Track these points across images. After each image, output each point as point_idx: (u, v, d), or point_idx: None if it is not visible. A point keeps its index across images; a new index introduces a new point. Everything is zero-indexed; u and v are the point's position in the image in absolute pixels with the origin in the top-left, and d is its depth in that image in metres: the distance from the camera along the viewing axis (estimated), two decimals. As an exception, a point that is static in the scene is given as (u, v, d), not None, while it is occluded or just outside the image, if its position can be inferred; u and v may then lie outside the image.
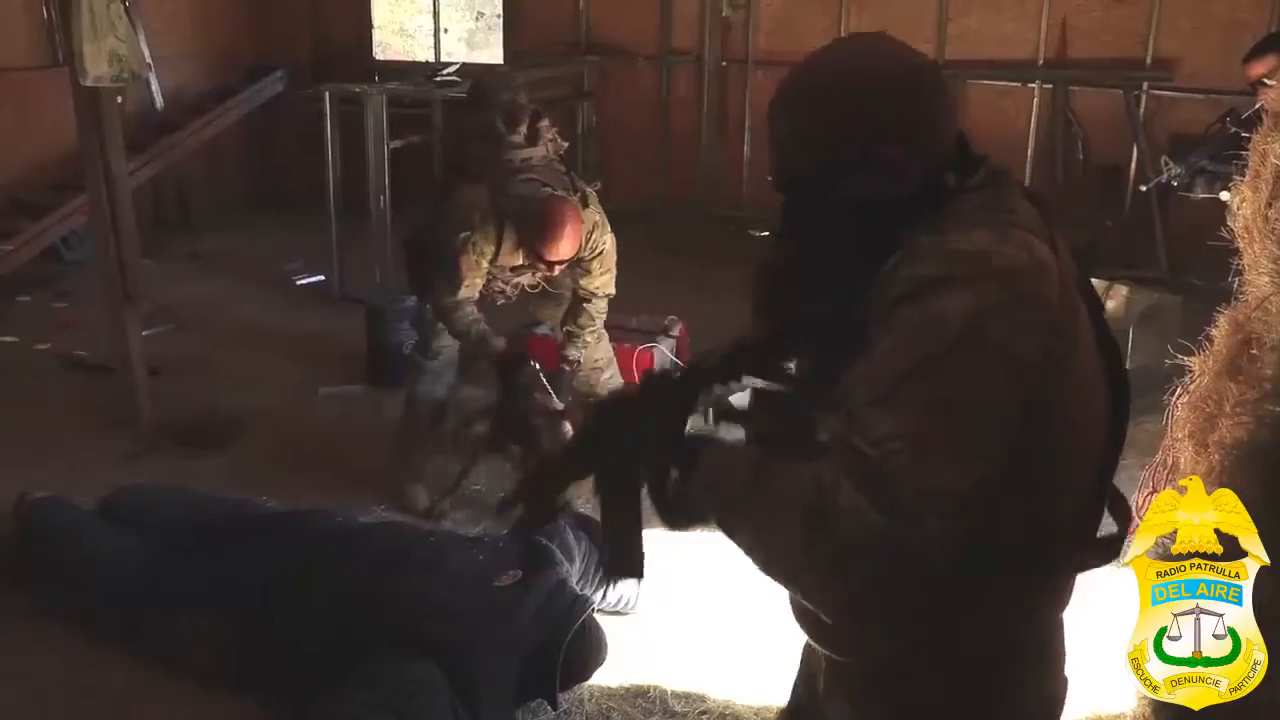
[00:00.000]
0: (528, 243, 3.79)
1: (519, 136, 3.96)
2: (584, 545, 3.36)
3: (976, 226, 1.32)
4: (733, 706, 3.08)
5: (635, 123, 8.30)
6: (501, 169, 3.89)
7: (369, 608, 2.96)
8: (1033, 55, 7.18)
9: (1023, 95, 7.23)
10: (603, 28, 8.30)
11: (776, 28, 7.81)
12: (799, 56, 1.46)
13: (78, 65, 4.28)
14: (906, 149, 1.38)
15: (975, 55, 7.32)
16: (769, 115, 1.44)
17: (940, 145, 1.44)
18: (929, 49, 7.36)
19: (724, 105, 8.10)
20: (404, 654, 2.81)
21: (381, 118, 6.50)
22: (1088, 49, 7.04)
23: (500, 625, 2.95)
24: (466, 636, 2.87)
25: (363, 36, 9.02)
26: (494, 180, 3.87)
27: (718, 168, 8.13)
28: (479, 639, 2.89)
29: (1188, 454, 2.41)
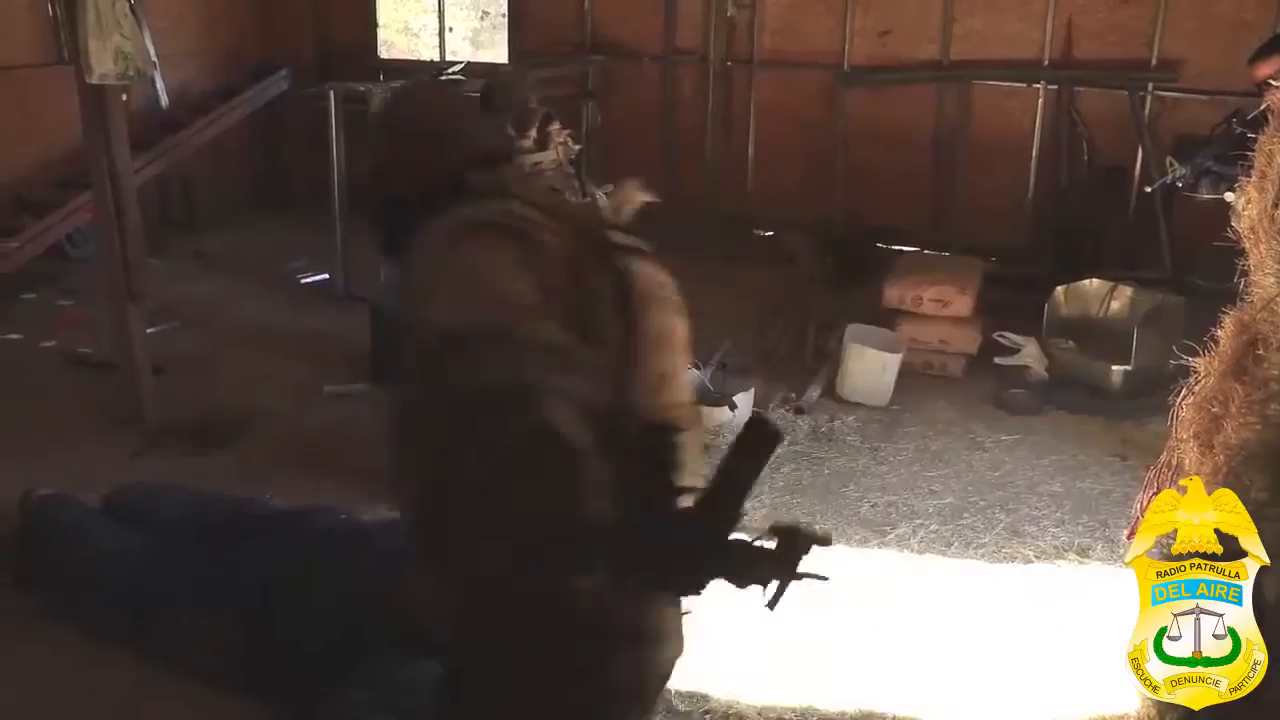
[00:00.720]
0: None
1: (528, 141, 4.04)
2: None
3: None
4: (737, 706, 3.08)
5: (640, 122, 8.29)
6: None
7: (372, 607, 2.96)
8: (1038, 56, 7.15)
9: (1028, 96, 7.21)
10: (607, 27, 8.28)
11: (782, 28, 7.78)
12: (804, 56, 1.46)
13: (83, 62, 4.28)
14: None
15: (980, 55, 7.30)
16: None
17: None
18: (934, 49, 7.38)
19: (729, 105, 8.09)
20: (406, 653, 2.81)
21: (386, 116, 6.49)
22: (1093, 49, 7.02)
23: None
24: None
25: (367, 35, 9.01)
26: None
27: (724, 167, 8.13)
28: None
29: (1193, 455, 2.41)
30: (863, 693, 3.14)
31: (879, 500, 4.32)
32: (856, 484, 4.46)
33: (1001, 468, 4.62)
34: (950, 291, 5.56)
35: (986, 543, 4.01)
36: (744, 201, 8.10)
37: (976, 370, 5.58)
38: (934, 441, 4.85)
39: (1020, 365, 5.43)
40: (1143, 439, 4.82)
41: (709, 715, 3.05)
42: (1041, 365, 5.39)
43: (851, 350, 5.21)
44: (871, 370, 5.19)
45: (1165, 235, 6.44)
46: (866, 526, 4.12)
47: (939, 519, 4.17)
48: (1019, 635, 3.41)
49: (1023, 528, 4.12)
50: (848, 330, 5.34)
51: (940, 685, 3.19)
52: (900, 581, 3.77)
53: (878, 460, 4.67)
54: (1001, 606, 3.60)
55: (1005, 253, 6.98)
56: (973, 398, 5.33)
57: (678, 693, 3.11)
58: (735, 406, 4.89)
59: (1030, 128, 7.21)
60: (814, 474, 4.53)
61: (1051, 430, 4.98)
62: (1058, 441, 4.86)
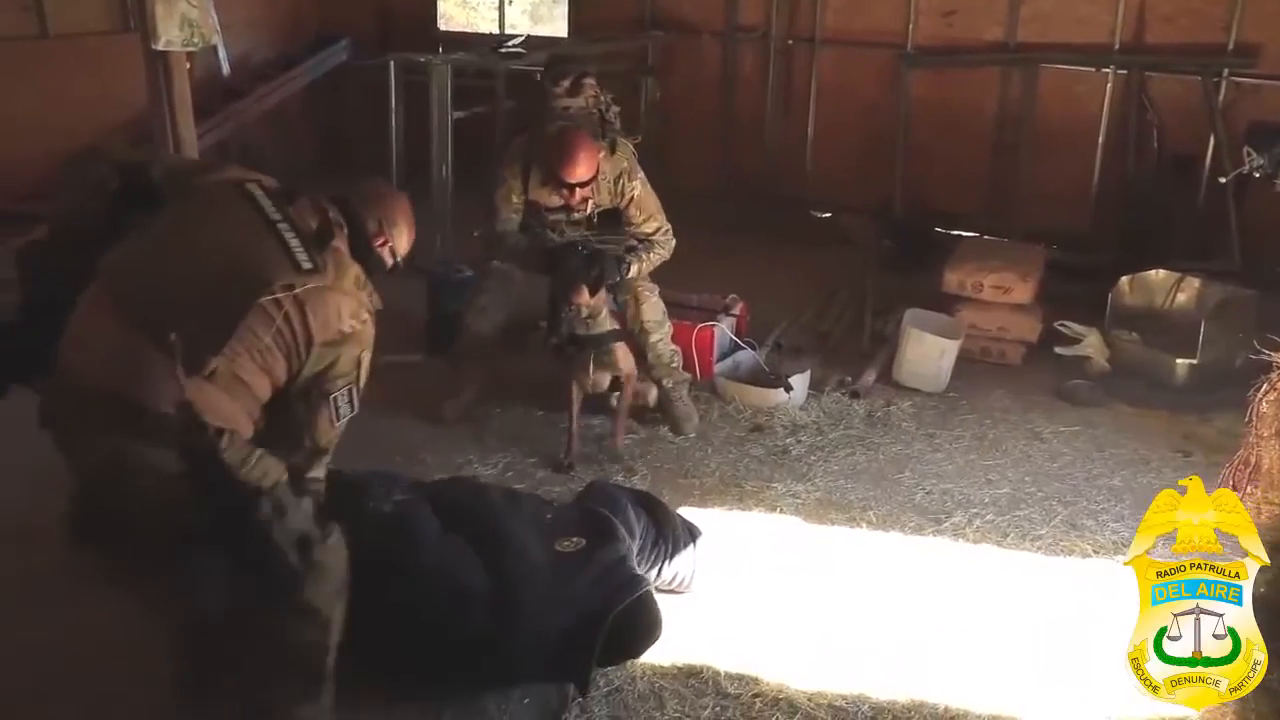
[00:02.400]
0: (551, 172, 4.21)
1: (560, 90, 4.37)
2: (643, 522, 3.35)
3: None
4: (786, 691, 3.05)
5: (699, 100, 8.22)
6: (542, 117, 4.36)
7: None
8: (1108, 39, 6.98)
9: (1096, 81, 7.04)
10: (668, 3, 8.20)
11: (845, 5, 7.66)
12: (867, 35, 1.42)
13: (150, 29, 4.31)
14: None
15: (1048, 39, 7.14)
16: None
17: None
18: (1000, 31, 7.24)
19: (789, 84, 8.00)
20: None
21: (446, 88, 6.50)
22: (1166, 33, 6.83)
23: (556, 582, 2.95)
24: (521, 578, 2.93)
25: (426, 7, 9.00)
26: (534, 127, 4.37)
27: (782, 147, 8.05)
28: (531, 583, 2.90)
29: (1273, 453, 2.34)
30: (913, 683, 3.10)
31: (934, 488, 4.26)
32: (911, 470, 4.40)
33: (1060, 459, 4.53)
34: (1012, 278, 5.46)
35: (1044, 535, 3.94)
36: (802, 182, 8.01)
37: (1035, 359, 5.48)
38: (991, 430, 4.77)
39: (1081, 356, 5.32)
40: (1207, 435, 4.71)
41: (758, 699, 3.01)
42: (1103, 356, 5.28)
43: (910, 335, 5.13)
44: (929, 356, 5.11)
45: (1235, 226, 6.27)
46: (921, 514, 4.06)
47: (995, 509, 4.11)
48: (1076, 631, 3.34)
49: (1081, 521, 4.04)
50: (907, 314, 5.27)
51: (993, 679, 3.13)
52: (954, 571, 3.71)
53: (933, 447, 4.60)
54: (1057, 601, 3.53)
55: (1067, 240, 6.84)
56: (1031, 387, 5.23)
57: (727, 675, 3.10)
58: (791, 388, 4.84)
59: (1098, 113, 7.04)
60: (869, 459, 4.47)
61: (1112, 423, 4.88)
62: (1118, 435, 4.76)
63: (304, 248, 2.44)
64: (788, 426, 4.70)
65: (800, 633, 3.31)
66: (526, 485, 4.13)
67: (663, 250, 4.52)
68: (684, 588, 3.44)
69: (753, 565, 3.66)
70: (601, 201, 4.35)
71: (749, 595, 3.51)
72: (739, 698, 3.02)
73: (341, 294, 2.49)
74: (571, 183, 4.17)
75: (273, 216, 2.49)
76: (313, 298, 2.42)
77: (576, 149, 4.13)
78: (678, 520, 3.51)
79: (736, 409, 4.84)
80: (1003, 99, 7.33)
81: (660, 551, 3.34)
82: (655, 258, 4.51)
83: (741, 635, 3.29)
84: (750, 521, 3.99)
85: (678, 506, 3.84)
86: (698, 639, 3.24)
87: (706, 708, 2.97)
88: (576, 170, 4.14)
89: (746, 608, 3.44)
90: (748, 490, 4.19)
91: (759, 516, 4.02)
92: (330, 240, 2.55)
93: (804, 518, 4.02)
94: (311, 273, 2.41)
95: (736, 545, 3.77)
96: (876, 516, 4.03)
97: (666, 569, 3.37)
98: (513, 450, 4.42)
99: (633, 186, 4.39)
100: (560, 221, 4.37)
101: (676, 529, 3.44)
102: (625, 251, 4.40)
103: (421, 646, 2.88)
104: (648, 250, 4.47)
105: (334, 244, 2.56)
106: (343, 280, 2.51)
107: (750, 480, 4.27)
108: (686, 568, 3.42)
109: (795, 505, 4.09)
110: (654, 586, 3.26)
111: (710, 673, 3.10)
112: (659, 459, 4.44)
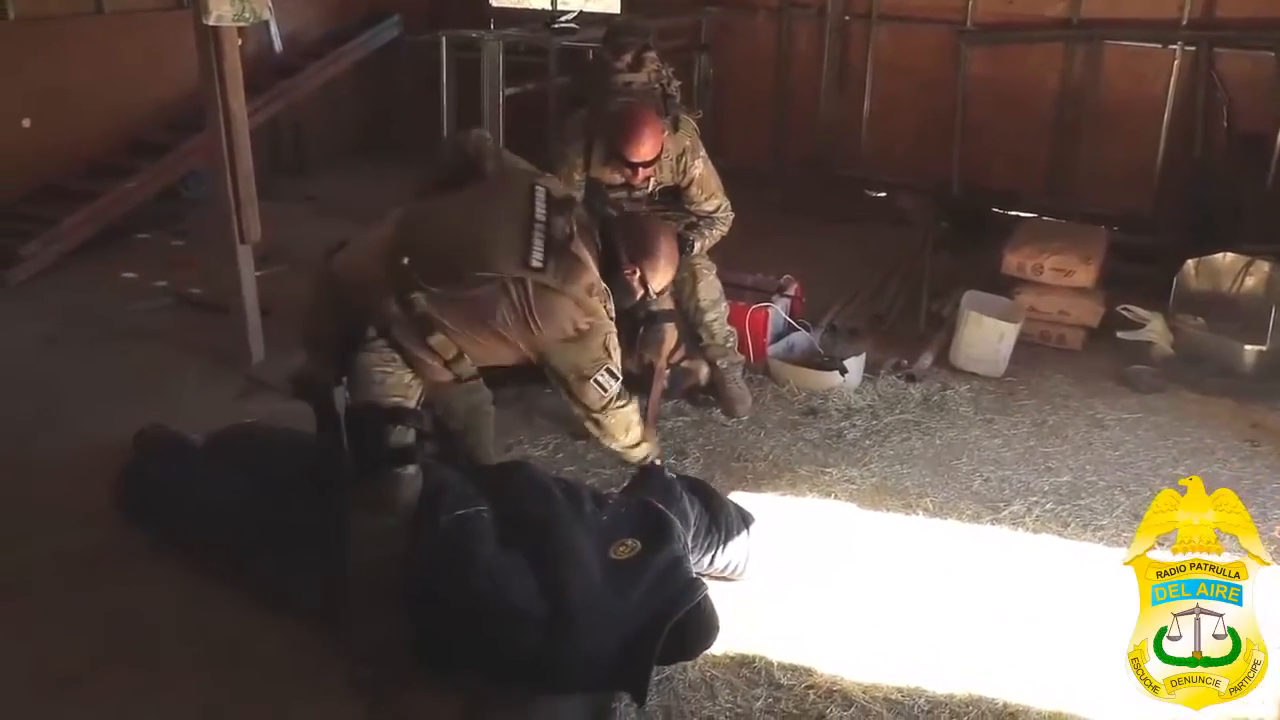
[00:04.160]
0: (614, 151, 4.05)
1: (622, 64, 4.20)
2: (697, 508, 3.29)
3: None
4: (841, 682, 2.98)
5: (753, 76, 8.12)
6: (603, 92, 4.19)
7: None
8: (1176, 14, 6.77)
9: (1163, 57, 6.84)
10: (724, -22, 8.11)
11: (903, -19, 7.53)
12: (925, 11, 1.34)
13: (201, 4, 4.29)
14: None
15: (1113, 14, 6.96)
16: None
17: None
18: (1063, 6, 7.08)
19: (845, 60, 7.86)
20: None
21: (498, 64, 6.46)
22: (1237, 8, 6.61)
23: (611, 594, 2.89)
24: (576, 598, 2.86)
25: (478, -17, 8.95)
26: (594, 103, 4.23)
27: (837, 125, 7.92)
28: (586, 602, 2.85)
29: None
30: (971, 677, 3.02)
31: (992, 475, 4.16)
32: (969, 457, 4.30)
33: (1122, 447, 4.41)
34: (1073, 260, 5.32)
35: (1106, 525, 3.83)
36: (857, 160, 7.90)
37: (1097, 343, 5.34)
38: (1051, 416, 4.65)
39: (1145, 341, 5.18)
40: (1276, 424, 4.57)
41: (812, 691, 2.95)
42: (1167, 341, 5.13)
43: (969, 317, 5.01)
44: (988, 339, 4.99)
45: (1307, 209, 6.07)
46: (979, 502, 3.97)
47: (1055, 498, 4.00)
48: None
49: (1144, 512, 3.91)
50: (965, 297, 5.15)
51: (1054, 674, 3.05)
52: (1014, 561, 3.62)
53: (991, 433, 4.50)
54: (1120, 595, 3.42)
55: (1130, 222, 6.68)
56: (1093, 372, 5.10)
57: (780, 665, 3.03)
58: (846, 371, 4.76)
59: (1163, 91, 6.84)
60: (925, 444, 4.38)
61: (1176, 410, 4.74)
62: (1183, 423, 4.62)
63: (544, 249, 2.88)
64: (842, 410, 4.62)
65: (855, 623, 3.24)
66: (576, 467, 4.10)
67: (723, 227, 4.44)
68: (737, 575, 3.38)
69: (806, 552, 3.59)
70: (663, 179, 4.26)
71: (803, 583, 3.44)
72: (792, 689, 2.96)
73: (567, 298, 2.92)
74: (636, 162, 4.02)
75: (539, 216, 2.95)
76: (539, 293, 2.89)
77: (642, 127, 3.97)
78: (731, 507, 3.45)
79: (790, 392, 4.76)
80: (1064, 77, 7.15)
81: (714, 539, 3.28)
82: (716, 234, 4.44)
83: (795, 624, 3.22)
84: (804, 507, 3.92)
85: (730, 491, 3.78)
86: (750, 628, 3.18)
87: (759, 698, 2.91)
88: (641, 149, 3.99)
89: (800, 596, 3.37)
90: (801, 475, 4.11)
91: (813, 502, 3.95)
92: (569, 249, 2.94)
93: (859, 504, 3.93)
94: (537, 271, 2.87)
95: (790, 532, 3.70)
96: (933, 504, 3.94)
97: (720, 556, 3.31)
98: (562, 431, 4.37)
99: (695, 165, 4.28)
100: (621, 199, 4.29)
101: (730, 515, 3.38)
102: (685, 229, 4.32)
103: (477, 662, 2.86)
104: (709, 227, 4.40)
105: (576, 254, 2.95)
106: (570, 286, 2.92)
107: (804, 465, 4.19)
108: (740, 555, 3.36)
109: (850, 491, 4.01)
110: (706, 573, 3.20)
111: (763, 663, 3.04)
112: (711, 441, 4.37)
